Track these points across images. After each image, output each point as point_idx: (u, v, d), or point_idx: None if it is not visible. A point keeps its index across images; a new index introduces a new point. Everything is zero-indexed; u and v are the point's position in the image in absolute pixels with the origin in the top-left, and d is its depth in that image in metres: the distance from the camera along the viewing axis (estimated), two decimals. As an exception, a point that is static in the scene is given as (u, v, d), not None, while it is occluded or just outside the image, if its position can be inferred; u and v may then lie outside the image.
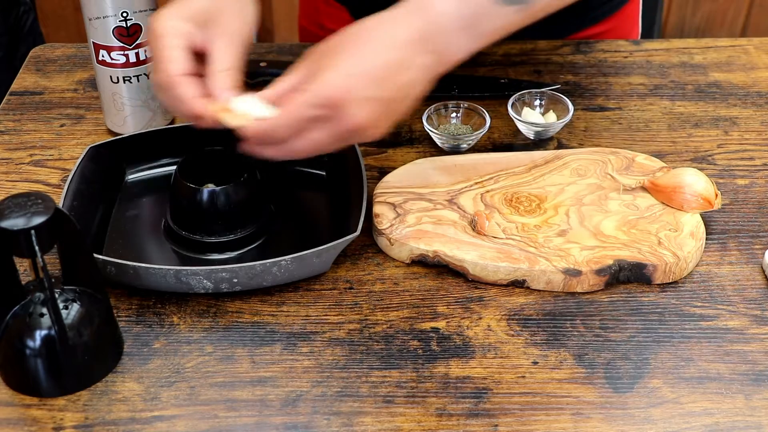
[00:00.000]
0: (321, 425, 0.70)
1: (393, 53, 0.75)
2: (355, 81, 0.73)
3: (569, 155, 0.94)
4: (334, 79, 0.73)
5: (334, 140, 0.76)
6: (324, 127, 0.74)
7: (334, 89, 0.73)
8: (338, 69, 0.74)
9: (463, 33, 0.76)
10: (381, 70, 0.74)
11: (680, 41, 1.18)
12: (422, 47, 0.75)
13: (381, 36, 0.76)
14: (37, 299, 0.72)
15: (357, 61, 0.74)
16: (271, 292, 0.82)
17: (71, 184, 0.86)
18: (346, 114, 0.73)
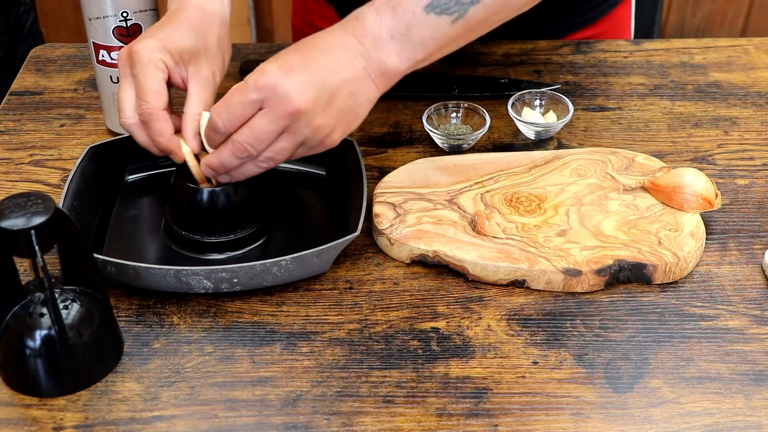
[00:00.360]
0: (321, 425, 0.70)
1: (328, 53, 0.77)
2: (294, 73, 0.75)
3: (569, 155, 0.94)
4: (269, 68, 0.75)
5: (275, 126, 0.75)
6: (263, 114, 0.75)
7: (270, 75, 0.75)
8: (274, 61, 0.76)
9: (395, 40, 0.78)
10: (317, 62, 0.76)
11: (680, 41, 1.18)
12: (354, 50, 0.77)
13: (316, 43, 0.78)
14: (37, 299, 0.72)
15: (292, 58, 0.77)
16: (271, 292, 0.82)
17: (71, 184, 0.86)
18: (285, 96, 0.74)
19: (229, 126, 0.76)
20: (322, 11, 1.21)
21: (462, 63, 1.12)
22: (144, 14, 0.92)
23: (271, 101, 0.75)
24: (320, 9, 1.21)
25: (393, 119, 1.03)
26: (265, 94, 0.74)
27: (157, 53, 0.80)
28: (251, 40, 2.43)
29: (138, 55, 0.80)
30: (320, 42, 0.79)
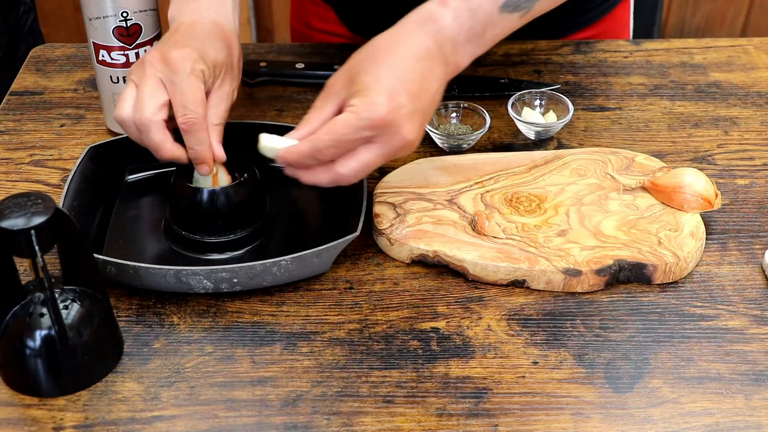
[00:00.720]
0: (321, 425, 0.70)
1: (419, 65, 0.76)
2: (399, 99, 0.74)
3: (569, 155, 0.94)
4: (373, 100, 0.74)
5: (383, 159, 0.76)
6: (373, 148, 0.76)
7: (381, 108, 0.74)
8: (374, 89, 0.74)
9: (471, 42, 0.79)
10: (416, 83, 0.76)
11: (680, 41, 1.18)
12: (439, 57, 0.77)
13: (403, 51, 0.77)
14: (37, 299, 0.72)
15: (388, 77, 0.75)
16: (271, 292, 0.82)
17: (71, 184, 0.86)
18: (397, 132, 0.75)
19: (336, 157, 0.76)
20: (320, 12, 1.21)
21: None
22: (144, 14, 0.92)
23: (383, 138, 0.75)
24: (318, 9, 1.21)
25: (393, 119, 1.03)
26: (380, 132, 0.74)
27: (198, 63, 0.80)
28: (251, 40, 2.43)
29: (179, 63, 0.79)
30: (406, 49, 0.77)
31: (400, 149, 0.76)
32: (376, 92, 0.74)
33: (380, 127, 0.74)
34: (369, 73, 0.76)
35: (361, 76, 0.76)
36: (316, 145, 0.75)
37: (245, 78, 1.09)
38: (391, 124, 0.74)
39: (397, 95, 0.74)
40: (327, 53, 1.15)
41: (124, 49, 0.93)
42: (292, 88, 1.09)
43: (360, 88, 0.75)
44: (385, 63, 0.76)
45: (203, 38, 0.83)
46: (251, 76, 1.09)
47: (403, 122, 0.75)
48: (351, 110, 0.74)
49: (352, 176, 0.77)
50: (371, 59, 0.77)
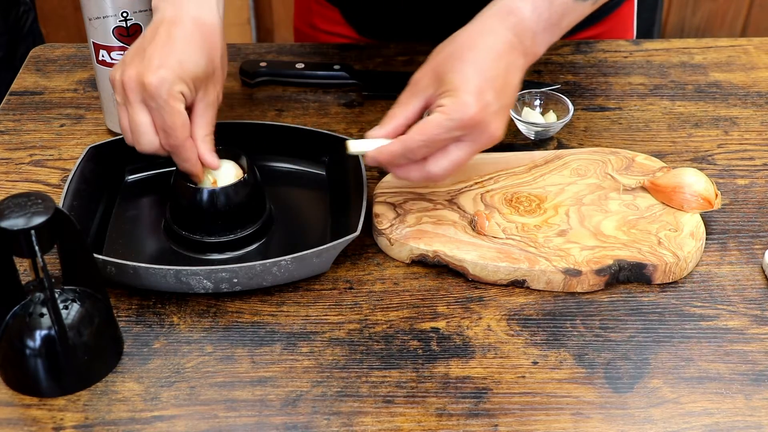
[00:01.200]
0: (321, 425, 0.70)
1: (502, 61, 0.79)
2: (486, 97, 0.77)
3: (569, 155, 0.94)
4: (468, 99, 0.76)
5: (472, 155, 0.79)
6: (462, 146, 0.78)
7: (471, 108, 0.76)
8: (464, 89, 0.77)
9: (548, 31, 0.81)
10: (500, 79, 0.78)
11: (680, 41, 1.18)
12: (519, 50, 0.80)
13: (486, 46, 0.79)
14: (37, 299, 0.72)
15: (475, 76, 0.77)
16: (271, 292, 0.82)
17: (71, 184, 0.86)
18: (486, 130, 0.78)
19: (427, 155, 0.79)
20: (326, 13, 1.21)
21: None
22: (144, 14, 0.92)
23: (472, 136, 0.78)
24: (324, 11, 1.21)
25: (393, 119, 1.03)
26: (470, 131, 0.77)
27: (175, 86, 0.79)
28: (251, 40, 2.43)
29: (155, 89, 0.78)
30: (488, 44, 0.79)
31: (487, 145, 0.79)
32: (464, 92, 0.77)
33: (470, 127, 0.77)
34: (456, 72, 0.78)
35: (448, 75, 0.78)
36: (409, 145, 0.78)
37: (245, 78, 1.09)
38: (481, 123, 0.77)
39: (484, 94, 0.77)
40: (327, 53, 1.15)
41: (124, 49, 0.93)
42: (292, 88, 1.09)
43: (448, 87, 0.77)
44: (470, 60, 0.78)
45: (181, 49, 0.80)
46: (251, 76, 1.09)
47: (491, 120, 0.77)
48: (441, 110, 0.77)
49: (443, 174, 0.80)
50: (456, 57, 0.79)
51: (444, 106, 0.77)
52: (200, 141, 0.82)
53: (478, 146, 0.79)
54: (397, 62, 1.13)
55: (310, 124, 1.01)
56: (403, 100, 0.81)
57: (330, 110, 1.05)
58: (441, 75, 0.78)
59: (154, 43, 0.80)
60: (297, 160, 0.95)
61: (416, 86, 0.81)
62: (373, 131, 0.81)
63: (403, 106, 0.81)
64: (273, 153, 0.95)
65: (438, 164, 0.79)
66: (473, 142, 0.78)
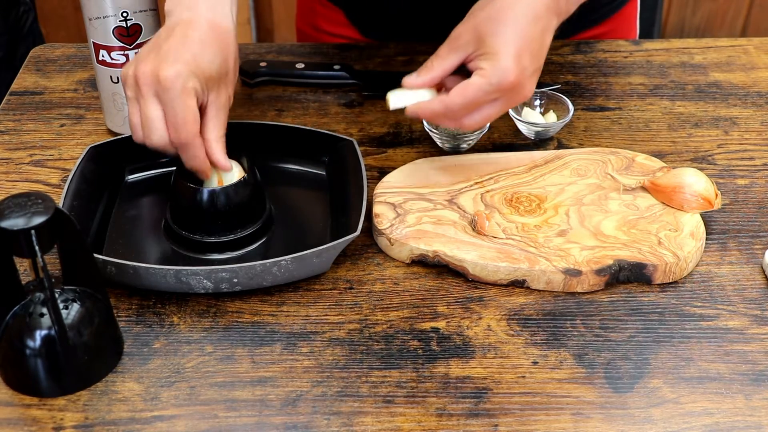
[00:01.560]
0: (321, 425, 0.70)
1: (540, 23, 0.83)
2: (524, 61, 0.81)
3: (569, 155, 0.94)
4: (507, 64, 0.81)
5: (503, 113, 0.85)
6: (497, 104, 0.84)
7: (511, 74, 0.81)
8: (505, 53, 0.81)
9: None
10: (536, 42, 0.83)
11: (680, 41, 1.18)
12: (554, 10, 0.84)
13: (525, 8, 0.82)
14: (37, 299, 0.72)
15: (515, 40, 0.81)
16: (271, 292, 0.82)
17: (71, 184, 0.86)
18: (520, 92, 0.83)
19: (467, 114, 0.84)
20: (329, 14, 1.21)
21: (462, 63, 1.12)
22: (144, 14, 0.92)
23: (507, 97, 0.83)
24: (327, 12, 1.21)
25: (393, 119, 1.03)
26: (506, 94, 0.83)
27: (189, 81, 0.79)
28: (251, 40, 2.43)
29: (169, 82, 0.78)
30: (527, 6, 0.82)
31: (518, 103, 0.86)
32: (504, 56, 0.81)
33: (508, 90, 0.82)
34: (496, 35, 0.81)
35: (489, 38, 0.82)
36: (449, 107, 0.83)
37: (245, 78, 1.09)
38: (517, 86, 0.82)
39: (522, 58, 0.81)
40: (327, 53, 1.15)
41: (124, 49, 0.93)
42: (292, 88, 1.09)
43: (488, 50, 0.81)
44: (510, 21, 0.82)
45: (197, 47, 0.81)
46: (251, 76, 1.09)
47: (526, 83, 0.83)
48: (482, 74, 0.81)
49: (474, 127, 0.86)
50: (496, 18, 0.82)
51: (484, 69, 0.81)
52: (213, 142, 0.82)
53: (510, 105, 0.84)
54: (397, 62, 1.13)
55: (310, 124, 1.01)
56: (442, 54, 0.85)
57: (330, 110, 1.05)
58: (482, 35, 0.82)
59: (169, 42, 0.81)
60: (297, 160, 0.95)
61: (456, 42, 0.84)
62: (410, 79, 0.86)
63: (442, 59, 0.85)
64: (273, 153, 0.95)
65: (471, 119, 0.84)
66: (507, 101, 0.83)
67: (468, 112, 0.84)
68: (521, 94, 0.83)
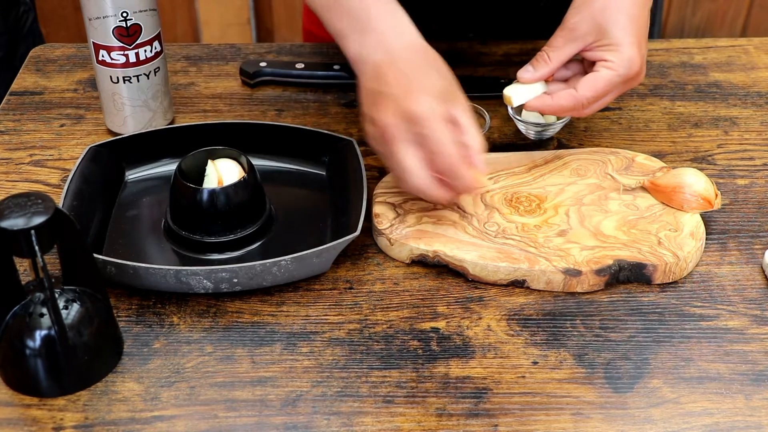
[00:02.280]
0: (321, 425, 0.70)
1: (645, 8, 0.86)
2: (642, 49, 0.85)
3: (569, 155, 0.94)
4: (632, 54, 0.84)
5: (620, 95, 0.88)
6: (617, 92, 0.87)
7: (636, 63, 0.84)
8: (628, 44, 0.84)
9: None
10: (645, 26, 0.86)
11: (680, 41, 1.18)
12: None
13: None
14: (37, 299, 0.72)
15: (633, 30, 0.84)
16: (271, 292, 0.82)
17: (71, 184, 0.86)
18: (640, 77, 0.87)
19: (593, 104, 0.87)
20: None
21: (462, 63, 1.12)
22: (144, 14, 0.92)
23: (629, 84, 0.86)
24: None
25: (393, 119, 1.03)
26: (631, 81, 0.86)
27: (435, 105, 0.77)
28: (251, 40, 2.43)
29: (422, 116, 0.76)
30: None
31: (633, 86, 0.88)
32: (628, 47, 0.84)
33: (632, 79, 0.85)
34: (617, 25, 0.84)
35: (611, 28, 0.84)
36: (579, 101, 0.85)
37: (245, 78, 1.09)
38: (640, 73, 0.86)
39: (641, 46, 0.84)
40: (327, 53, 1.15)
41: (124, 49, 0.93)
42: (292, 88, 1.09)
43: (611, 41, 0.84)
44: (625, 10, 0.84)
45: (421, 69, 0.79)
46: (251, 76, 1.09)
47: (644, 68, 0.86)
48: (610, 67, 0.84)
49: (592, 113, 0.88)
50: (614, 7, 0.84)
51: (611, 62, 0.84)
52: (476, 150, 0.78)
53: (627, 89, 0.87)
54: (397, 62, 1.13)
55: (310, 124, 1.01)
56: (559, 45, 0.87)
57: (330, 110, 1.05)
58: (602, 26, 0.84)
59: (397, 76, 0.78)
60: (297, 160, 0.95)
61: (574, 33, 0.86)
62: (526, 74, 0.88)
63: (559, 51, 0.86)
64: (273, 153, 0.95)
65: (593, 108, 0.87)
66: (626, 86, 0.86)
67: (595, 102, 0.86)
68: (639, 78, 0.86)
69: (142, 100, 0.97)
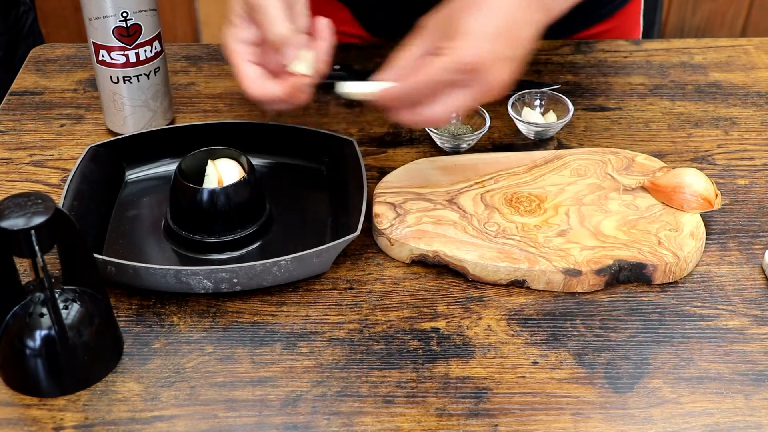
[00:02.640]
0: (321, 425, 0.70)
1: (519, 11, 0.76)
2: (495, 44, 0.75)
3: (569, 155, 0.94)
4: (471, 44, 0.74)
5: (471, 103, 0.77)
6: (462, 92, 0.76)
7: (473, 54, 0.74)
8: (472, 33, 0.74)
9: None
10: (511, 29, 0.76)
11: (680, 41, 1.18)
12: (536, 5, 0.78)
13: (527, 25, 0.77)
14: (37, 299, 0.72)
15: (487, 22, 0.75)
16: (271, 292, 0.82)
17: (71, 184, 0.86)
18: (487, 77, 0.75)
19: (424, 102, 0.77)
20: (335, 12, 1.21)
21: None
22: (144, 14, 0.92)
23: (473, 82, 0.75)
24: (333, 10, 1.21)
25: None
26: (469, 76, 0.75)
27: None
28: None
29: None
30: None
31: (486, 94, 0.76)
32: (470, 35, 0.74)
33: (469, 71, 0.74)
34: (467, 17, 0.75)
35: (459, 20, 0.76)
36: (407, 88, 0.76)
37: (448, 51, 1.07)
38: (481, 67, 0.74)
39: (491, 40, 0.74)
40: (327, 53, 1.15)
41: (124, 49, 0.93)
42: (292, 88, 1.09)
43: (456, 31, 0.75)
44: (485, 7, 0.76)
45: None
46: (251, 76, 1.08)
47: (492, 66, 0.75)
48: (443, 52, 0.75)
49: (435, 119, 0.78)
50: (471, 4, 0.76)
51: (446, 48, 0.75)
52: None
53: (477, 93, 0.76)
54: (397, 62, 1.13)
55: (310, 124, 1.01)
56: (407, 44, 0.79)
57: (330, 110, 1.05)
58: (451, 20, 0.76)
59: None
60: (297, 161, 0.95)
61: (422, 30, 0.79)
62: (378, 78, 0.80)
63: (408, 50, 0.79)
64: (273, 153, 0.95)
65: (433, 109, 0.77)
66: (470, 88, 0.76)
67: (430, 97, 0.76)
68: (486, 79, 0.75)
69: (142, 100, 0.97)
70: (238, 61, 0.83)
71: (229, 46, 0.84)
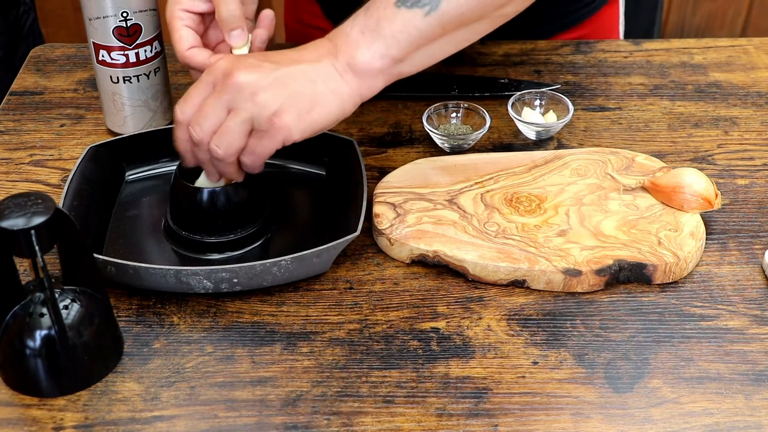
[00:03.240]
0: (321, 425, 0.70)
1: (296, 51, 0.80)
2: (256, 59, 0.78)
3: (569, 155, 0.94)
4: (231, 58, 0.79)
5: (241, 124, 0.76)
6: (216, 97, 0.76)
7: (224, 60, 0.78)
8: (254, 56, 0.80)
9: (366, 35, 0.78)
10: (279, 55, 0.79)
11: (680, 41, 1.18)
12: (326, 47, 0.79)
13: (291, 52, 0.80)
14: (37, 299, 0.72)
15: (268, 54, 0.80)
16: (271, 292, 0.82)
17: (71, 184, 0.86)
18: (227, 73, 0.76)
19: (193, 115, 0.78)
20: (309, 8, 1.22)
21: (462, 63, 1.12)
22: (144, 14, 0.92)
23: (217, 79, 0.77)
24: (308, 6, 1.22)
25: (393, 119, 1.03)
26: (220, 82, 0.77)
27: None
28: (251, 40, 2.42)
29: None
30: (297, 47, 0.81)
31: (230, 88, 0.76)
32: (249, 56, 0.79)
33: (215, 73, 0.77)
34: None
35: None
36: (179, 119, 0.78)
37: None
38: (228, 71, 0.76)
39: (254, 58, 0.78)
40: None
41: (124, 49, 0.93)
42: (292, 88, 1.09)
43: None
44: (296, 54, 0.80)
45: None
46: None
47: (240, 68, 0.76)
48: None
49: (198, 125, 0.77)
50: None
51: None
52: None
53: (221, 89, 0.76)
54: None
55: (310, 124, 1.01)
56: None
57: (330, 110, 1.05)
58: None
59: None
60: (297, 160, 0.95)
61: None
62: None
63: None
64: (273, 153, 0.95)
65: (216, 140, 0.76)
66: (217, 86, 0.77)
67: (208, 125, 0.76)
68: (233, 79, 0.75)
69: (142, 100, 0.97)
70: (178, 26, 0.85)
71: (171, 9, 0.86)
